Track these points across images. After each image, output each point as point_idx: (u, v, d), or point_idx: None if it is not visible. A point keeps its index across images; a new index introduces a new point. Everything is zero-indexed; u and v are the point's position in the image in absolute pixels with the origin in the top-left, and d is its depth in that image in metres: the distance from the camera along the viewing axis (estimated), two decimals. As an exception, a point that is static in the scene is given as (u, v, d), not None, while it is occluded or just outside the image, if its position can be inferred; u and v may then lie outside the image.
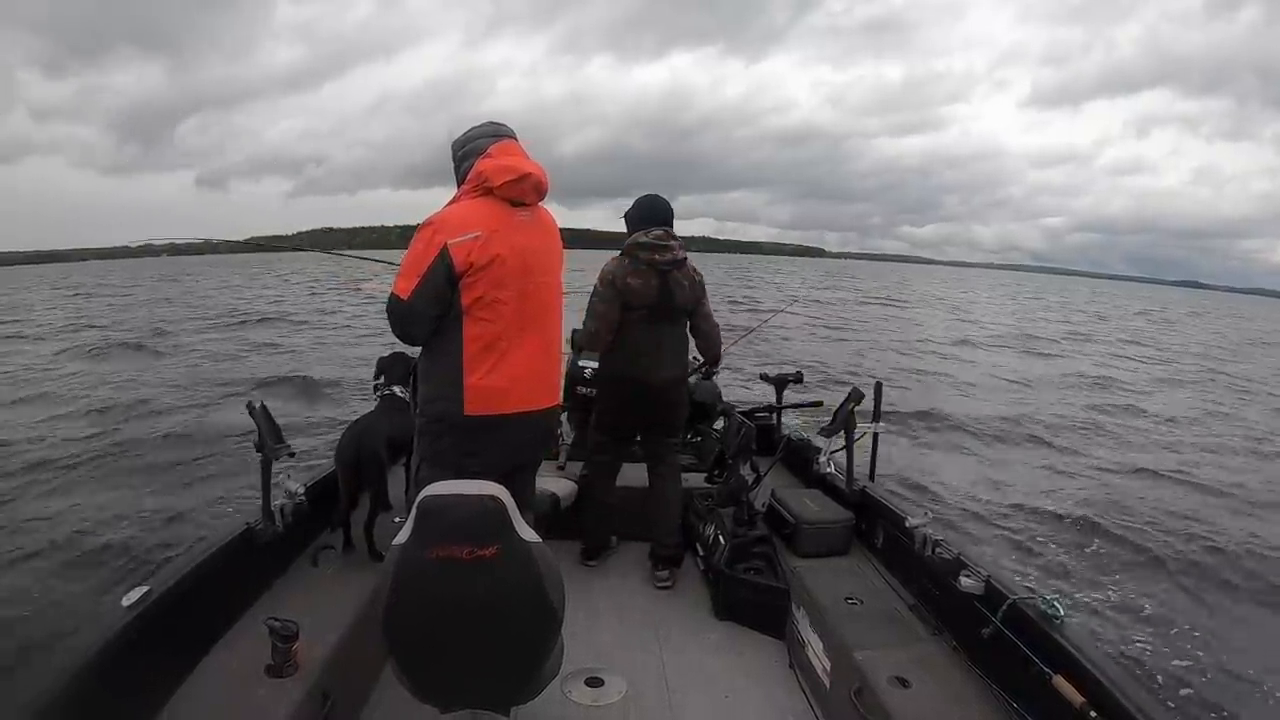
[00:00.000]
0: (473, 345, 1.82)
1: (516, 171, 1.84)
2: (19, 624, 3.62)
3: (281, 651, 1.71)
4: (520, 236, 1.86)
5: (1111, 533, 5.49)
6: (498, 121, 1.96)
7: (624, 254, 2.74)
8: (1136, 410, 10.82)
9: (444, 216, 1.81)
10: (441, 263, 1.75)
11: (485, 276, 1.79)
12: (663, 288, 2.71)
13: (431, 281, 1.76)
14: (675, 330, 2.81)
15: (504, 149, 1.88)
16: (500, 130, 1.94)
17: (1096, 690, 1.49)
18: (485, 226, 1.80)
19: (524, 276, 1.86)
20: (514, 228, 1.85)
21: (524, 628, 1.42)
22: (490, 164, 1.84)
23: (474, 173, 1.85)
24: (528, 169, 1.86)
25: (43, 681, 1.37)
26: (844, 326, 19.67)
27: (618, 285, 2.69)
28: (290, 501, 2.24)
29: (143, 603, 1.62)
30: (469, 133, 1.95)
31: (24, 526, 4.92)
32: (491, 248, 1.79)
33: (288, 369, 11.03)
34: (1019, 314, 32.54)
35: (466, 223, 1.79)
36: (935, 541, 2.20)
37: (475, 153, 1.89)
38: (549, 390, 2.00)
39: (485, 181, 1.83)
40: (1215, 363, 18.62)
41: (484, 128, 1.94)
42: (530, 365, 1.91)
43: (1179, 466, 7.57)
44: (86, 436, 7.24)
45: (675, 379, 2.83)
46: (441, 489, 1.39)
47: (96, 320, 19.32)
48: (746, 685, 2.26)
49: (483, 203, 1.84)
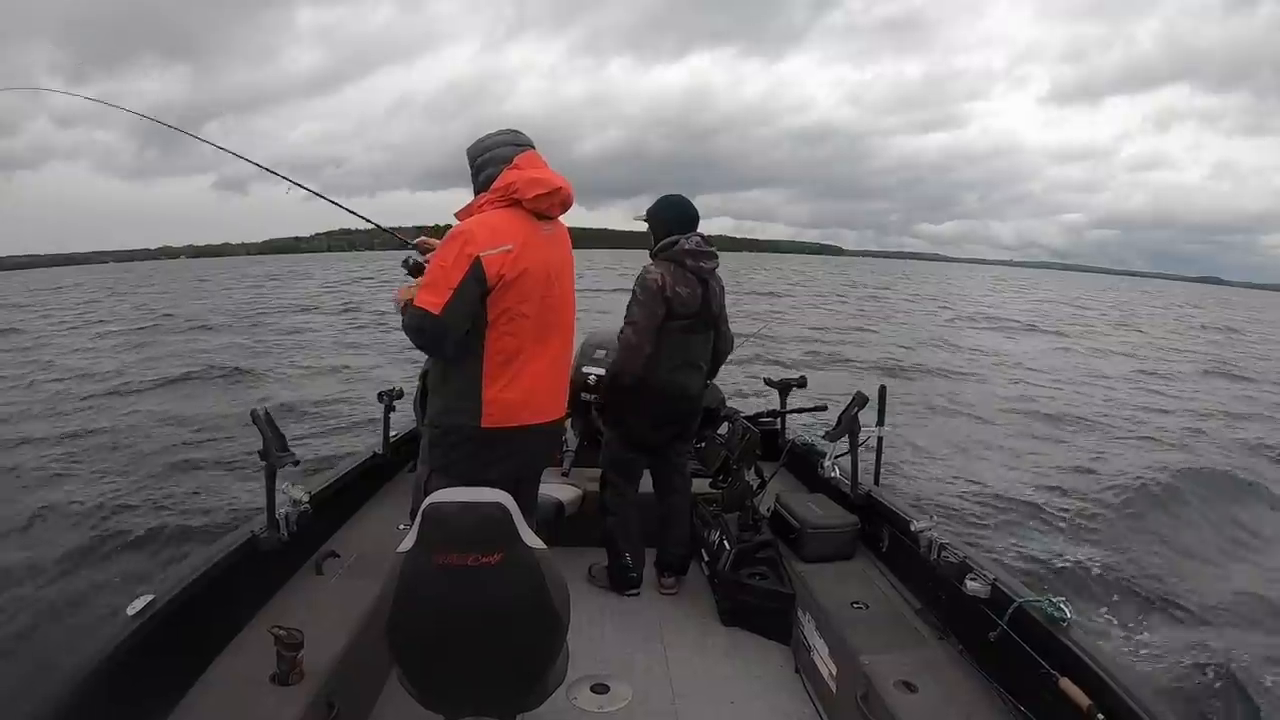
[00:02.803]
0: (494, 359, 1.80)
1: (549, 185, 1.83)
2: (24, 633, 3.63)
3: (286, 660, 1.71)
4: (545, 250, 1.86)
5: (1119, 534, 5.47)
6: (516, 129, 1.93)
7: (669, 259, 2.64)
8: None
9: (473, 228, 1.76)
10: (474, 276, 1.72)
11: (513, 290, 1.77)
12: (705, 295, 2.66)
13: (465, 296, 1.72)
14: (707, 338, 2.76)
15: (530, 160, 1.86)
16: (520, 139, 1.91)
17: (1103, 693, 1.48)
18: (515, 239, 1.77)
19: (546, 290, 1.86)
20: (540, 241, 1.84)
21: (529, 635, 1.42)
22: (520, 176, 1.82)
23: (502, 183, 1.82)
24: (559, 183, 1.85)
25: (48, 690, 1.37)
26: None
27: (666, 293, 2.58)
28: (294, 509, 2.24)
29: (147, 611, 1.62)
30: (488, 140, 1.91)
31: (26, 537, 4.93)
32: (521, 261, 1.77)
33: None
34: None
35: (497, 235, 1.76)
36: (941, 545, 2.20)
37: (499, 161, 1.85)
38: (560, 403, 2.01)
39: (515, 193, 1.81)
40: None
41: (504, 135, 1.91)
42: (545, 378, 1.90)
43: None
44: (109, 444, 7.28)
45: (704, 388, 2.83)
46: (446, 496, 1.39)
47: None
48: (752, 690, 2.25)
49: (510, 214, 1.82)
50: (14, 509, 5.39)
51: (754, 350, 9.61)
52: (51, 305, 27.94)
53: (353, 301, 24.49)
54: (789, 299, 28.90)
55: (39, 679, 1.41)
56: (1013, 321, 25.05)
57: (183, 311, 21.16)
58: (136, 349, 14.44)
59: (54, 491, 5.84)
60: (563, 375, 2.01)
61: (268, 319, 20.06)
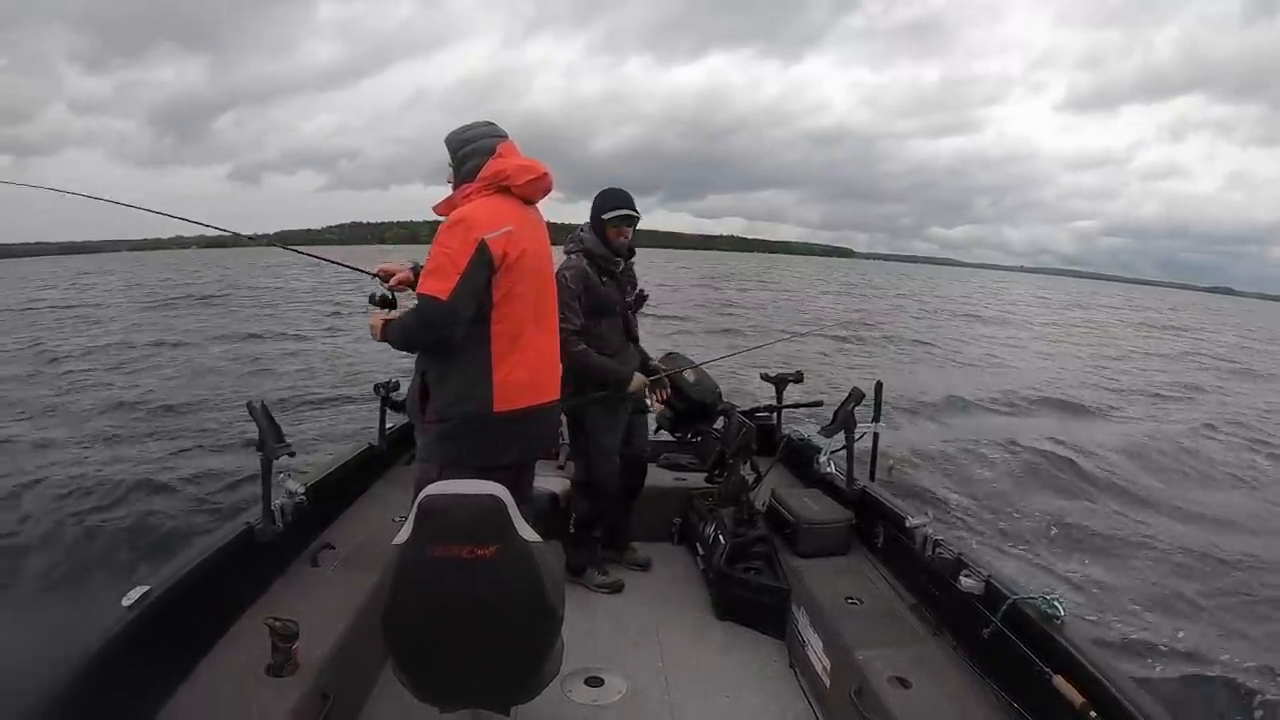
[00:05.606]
0: (501, 340, 1.83)
1: (536, 171, 1.91)
2: (19, 623, 3.62)
3: (282, 651, 1.71)
4: (535, 231, 1.93)
5: (1115, 533, 5.49)
6: (491, 121, 1.98)
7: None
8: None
9: (472, 213, 1.80)
10: (481, 258, 1.75)
11: (514, 270, 1.82)
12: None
13: (472, 279, 1.75)
14: None
15: (510, 149, 1.92)
16: (497, 131, 1.95)
17: (1096, 690, 1.49)
18: (513, 221, 1.83)
19: (539, 270, 1.93)
20: (531, 223, 1.91)
21: (524, 627, 1.42)
22: (508, 163, 1.87)
23: (490, 171, 1.86)
24: (545, 169, 1.93)
25: (42, 681, 1.37)
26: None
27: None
28: (290, 501, 2.24)
29: (143, 602, 1.62)
30: (469, 132, 1.95)
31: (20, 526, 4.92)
32: (521, 241, 1.83)
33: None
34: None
35: (496, 217, 1.81)
36: (935, 541, 2.20)
37: (483, 151, 1.89)
38: (557, 382, 2.05)
39: (505, 180, 1.86)
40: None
41: (483, 127, 1.95)
42: (546, 357, 1.97)
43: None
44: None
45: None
46: (441, 489, 1.39)
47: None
48: (746, 685, 2.26)
49: (501, 199, 1.87)
50: (8, 500, 5.38)
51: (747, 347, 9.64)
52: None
53: (348, 299, 24.32)
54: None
55: (35, 670, 1.40)
56: (1030, 324, 25.46)
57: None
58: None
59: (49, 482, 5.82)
60: (558, 354, 2.06)
61: (280, 307, 20.04)
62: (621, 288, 2.76)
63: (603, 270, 2.68)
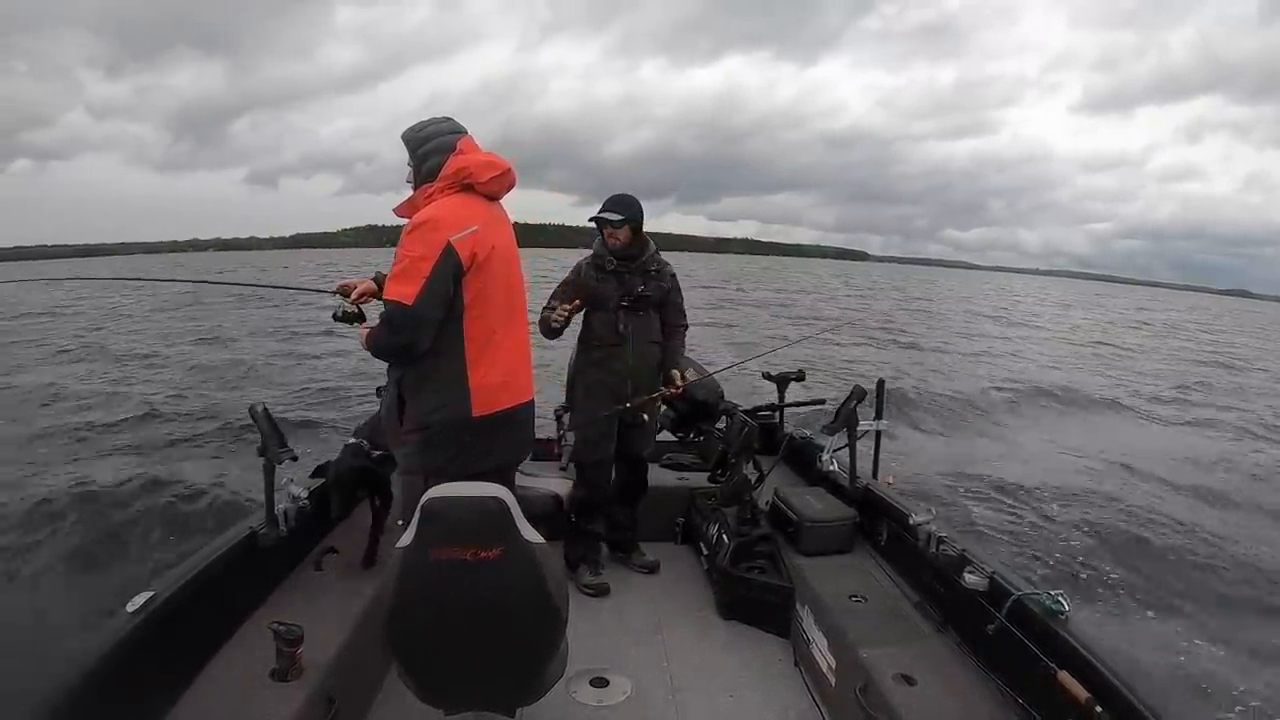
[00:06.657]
0: (474, 343, 1.79)
1: (500, 167, 1.85)
2: (23, 629, 3.62)
3: (286, 655, 1.71)
4: (501, 228, 1.89)
5: (1118, 528, 5.48)
6: (449, 116, 1.92)
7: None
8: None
9: (437, 214, 1.75)
10: (447, 261, 1.71)
11: (484, 270, 1.78)
12: None
13: (439, 282, 1.70)
14: None
15: (470, 145, 1.86)
16: (456, 126, 1.88)
17: (1101, 686, 1.49)
18: (478, 220, 1.78)
19: (508, 268, 1.88)
20: (496, 220, 1.87)
21: (528, 629, 1.42)
22: (471, 160, 1.82)
23: (451, 169, 1.80)
24: (507, 164, 1.87)
25: (48, 687, 1.37)
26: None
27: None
28: (293, 505, 2.24)
29: (147, 608, 1.62)
30: (428, 129, 1.86)
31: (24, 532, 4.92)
32: (488, 240, 1.78)
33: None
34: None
35: (461, 217, 1.76)
36: (939, 538, 2.20)
37: (444, 149, 1.82)
38: (530, 383, 2.00)
39: (468, 177, 1.81)
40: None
41: (443, 124, 1.88)
42: (516, 357, 1.92)
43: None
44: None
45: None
46: (445, 491, 1.39)
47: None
48: (751, 684, 2.26)
49: (465, 198, 1.82)
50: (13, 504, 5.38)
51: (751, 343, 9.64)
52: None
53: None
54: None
55: (39, 676, 1.40)
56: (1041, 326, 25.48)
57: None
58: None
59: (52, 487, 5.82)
60: (529, 355, 2.01)
61: (283, 312, 20.05)
62: (623, 285, 2.77)
63: (599, 268, 2.78)
